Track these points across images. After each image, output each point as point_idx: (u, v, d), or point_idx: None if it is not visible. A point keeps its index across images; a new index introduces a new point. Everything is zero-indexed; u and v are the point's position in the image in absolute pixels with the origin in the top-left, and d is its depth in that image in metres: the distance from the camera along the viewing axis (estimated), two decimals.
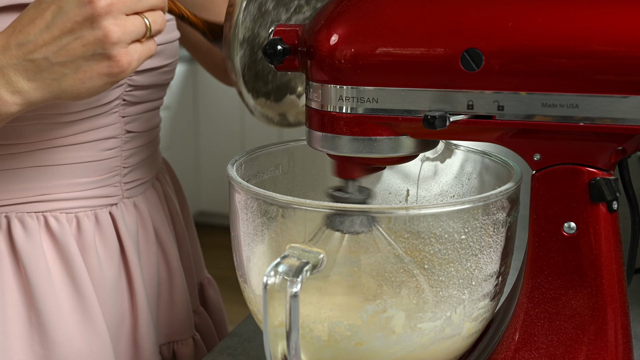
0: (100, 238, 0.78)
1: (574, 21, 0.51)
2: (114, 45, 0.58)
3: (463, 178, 0.69)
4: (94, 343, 0.75)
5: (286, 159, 0.70)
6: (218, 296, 0.99)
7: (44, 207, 0.75)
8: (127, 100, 0.77)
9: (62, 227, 0.75)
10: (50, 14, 0.58)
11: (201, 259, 0.98)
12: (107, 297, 0.77)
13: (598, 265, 0.55)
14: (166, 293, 0.85)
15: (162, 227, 0.85)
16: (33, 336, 0.73)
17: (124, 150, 0.79)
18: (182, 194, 0.96)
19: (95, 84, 0.60)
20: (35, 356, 0.73)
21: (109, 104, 0.75)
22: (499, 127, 0.55)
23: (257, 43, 0.64)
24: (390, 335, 0.55)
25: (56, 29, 0.58)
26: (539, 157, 0.55)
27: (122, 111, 0.77)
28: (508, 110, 0.53)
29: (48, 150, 0.73)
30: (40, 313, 0.73)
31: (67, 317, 0.74)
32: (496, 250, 0.57)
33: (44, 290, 0.73)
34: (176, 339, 0.86)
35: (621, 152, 0.54)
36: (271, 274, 0.51)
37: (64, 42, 0.58)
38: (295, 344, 0.51)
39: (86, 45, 0.58)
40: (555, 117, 0.53)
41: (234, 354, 0.74)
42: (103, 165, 0.77)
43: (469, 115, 0.54)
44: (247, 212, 0.58)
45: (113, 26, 0.57)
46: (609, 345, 0.56)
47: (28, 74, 0.59)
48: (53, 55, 0.58)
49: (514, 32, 0.52)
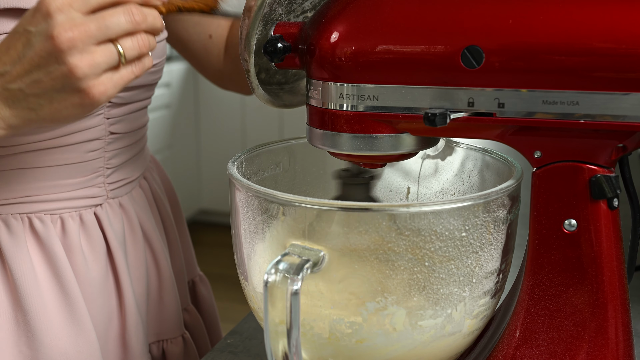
0: (86, 238, 0.77)
1: (574, 18, 0.51)
2: (82, 80, 0.56)
3: (464, 175, 0.69)
4: (81, 343, 0.75)
5: (287, 157, 0.70)
6: (210, 293, 0.99)
7: (28, 208, 0.74)
8: (112, 102, 0.77)
9: (46, 228, 0.75)
10: (21, 46, 0.57)
11: (193, 257, 0.98)
12: (94, 297, 0.77)
13: (599, 262, 0.55)
14: (155, 292, 0.84)
15: (150, 226, 0.85)
16: (20, 337, 0.73)
17: (107, 151, 0.78)
18: (173, 192, 0.96)
19: (71, 113, 0.58)
20: (22, 356, 0.73)
21: None
22: (499, 125, 0.55)
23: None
24: (391, 333, 0.55)
25: (26, 62, 0.56)
26: (540, 154, 0.55)
27: (107, 112, 0.77)
28: (508, 107, 0.53)
29: (32, 153, 0.73)
30: (27, 314, 0.73)
31: (54, 318, 0.74)
32: (497, 247, 0.56)
33: (30, 291, 0.73)
34: (165, 338, 0.86)
35: (622, 150, 0.54)
36: (272, 271, 0.51)
37: (34, 76, 0.57)
38: (296, 342, 0.51)
39: (55, 80, 0.56)
40: (555, 114, 0.52)
41: (235, 352, 0.74)
42: (86, 166, 0.77)
43: (470, 113, 0.54)
44: (247, 210, 0.58)
45: (78, 61, 0.55)
46: (609, 343, 0.56)
47: (7, 102, 0.58)
48: (27, 87, 0.57)
49: (514, 29, 0.52)
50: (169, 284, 0.85)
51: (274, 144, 0.69)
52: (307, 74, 0.58)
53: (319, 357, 0.58)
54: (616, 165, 0.56)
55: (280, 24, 0.59)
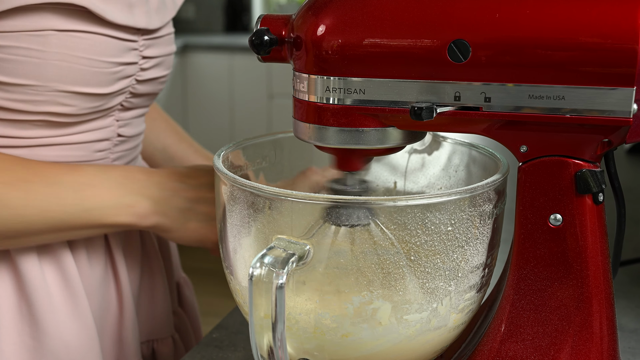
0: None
1: (561, 13, 0.51)
2: None
3: (450, 170, 0.69)
4: (83, 336, 0.75)
5: (273, 151, 0.70)
6: (193, 296, 1.01)
7: None
8: (124, 106, 0.80)
9: None
10: None
11: (178, 259, 0.99)
12: (94, 291, 0.78)
13: (584, 257, 0.55)
14: (148, 291, 0.85)
15: None
16: (24, 327, 0.74)
17: (113, 152, 0.80)
18: None
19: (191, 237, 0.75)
20: (25, 347, 0.73)
21: (110, 108, 0.77)
22: (485, 119, 0.55)
23: None
24: (377, 327, 0.55)
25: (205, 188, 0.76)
26: (526, 148, 0.55)
27: (118, 115, 0.79)
28: (495, 102, 0.53)
29: (43, 148, 0.74)
30: (32, 304, 0.74)
31: (58, 309, 0.74)
32: (483, 242, 0.57)
33: (35, 282, 0.74)
34: (156, 338, 0.86)
35: (607, 144, 0.54)
36: (257, 265, 0.51)
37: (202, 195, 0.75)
38: (281, 336, 0.51)
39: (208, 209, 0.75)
40: (541, 109, 0.52)
41: (221, 346, 0.74)
42: None
43: (456, 107, 0.54)
44: (233, 204, 0.57)
45: None
46: (594, 337, 0.56)
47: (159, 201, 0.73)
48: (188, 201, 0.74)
49: (501, 23, 0.52)
50: (161, 283, 0.86)
51: (260, 137, 0.68)
52: (294, 67, 0.58)
53: (304, 351, 0.58)
54: (601, 160, 0.57)
55: (266, 17, 0.59)
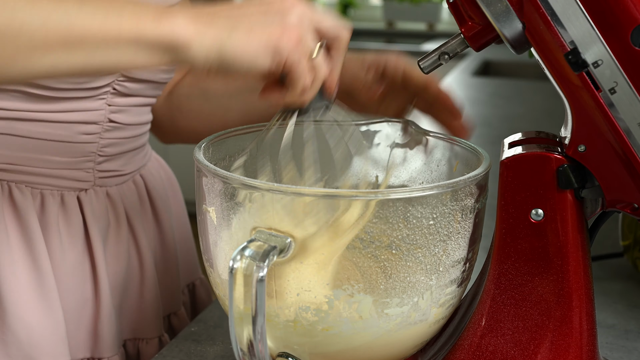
0: (64, 219, 0.77)
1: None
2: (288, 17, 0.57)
3: (432, 164, 0.69)
4: (47, 320, 0.74)
5: (254, 143, 0.69)
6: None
7: (9, 176, 0.74)
8: (117, 90, 0.77)
9: (25, 200, 0.74)
10: None
11: (196, 261, 0.98)
12: (67, 279, 0.77)
13: (564, 252, 0.55)
14: (136, 289, 0.84)
15: (138, 223, 0.84)
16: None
17: (103, 138, 0.78)
18: (179, 196, 0.97)
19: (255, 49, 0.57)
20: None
21: (97, 89, 0.75)
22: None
23: None
24: (357, 321, 0.55)
25: None
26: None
27: (109, 99, 0.77)
28: None
29: (24, 122, 0.72)
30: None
31: (22, 288, 0.73)
32: (464, 236, 0.56)
33: (2, 257, 0.72)
34: (142, 337, 0.85)
35: None
36: (237, 258, 0.50)
37: None
38: (261, 329, 0.50)
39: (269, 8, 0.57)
40: None
41: (199, 340, 0.73)
42: (77, 147, 0.76)
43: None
44: (214, 196, 0.57)
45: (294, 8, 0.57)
46: (573, 332, 0.56)
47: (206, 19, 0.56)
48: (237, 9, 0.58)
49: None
50: (151, 284, 0.85)
51: (241, 129, 0.68)
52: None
53: (285, 345, 0.57)
54: None
55: None
